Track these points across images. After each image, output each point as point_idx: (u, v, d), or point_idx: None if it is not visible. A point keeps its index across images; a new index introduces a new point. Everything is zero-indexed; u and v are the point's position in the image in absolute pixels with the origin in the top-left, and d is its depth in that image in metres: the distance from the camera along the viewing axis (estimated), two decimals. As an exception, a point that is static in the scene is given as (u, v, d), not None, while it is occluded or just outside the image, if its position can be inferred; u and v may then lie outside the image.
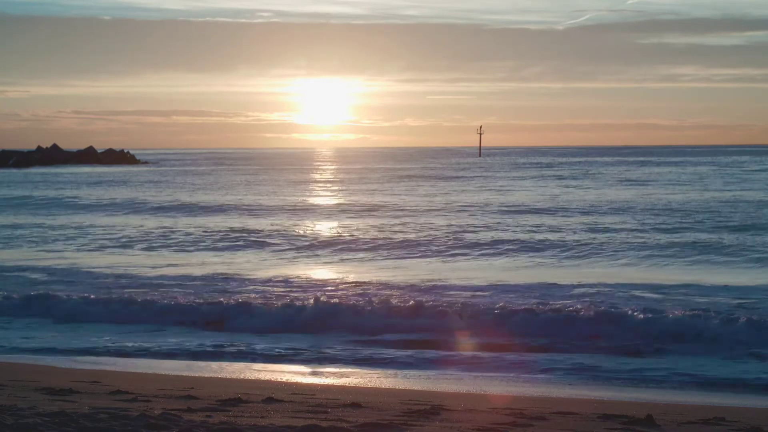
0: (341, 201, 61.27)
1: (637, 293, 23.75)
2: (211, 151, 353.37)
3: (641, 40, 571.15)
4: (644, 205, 53.44)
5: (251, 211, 53.12)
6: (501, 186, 78.98)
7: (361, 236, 38.65)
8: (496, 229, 41.02)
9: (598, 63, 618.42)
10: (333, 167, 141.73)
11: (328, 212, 52.61)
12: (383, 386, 14.85)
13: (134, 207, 57.33)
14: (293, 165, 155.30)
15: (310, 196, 69.22)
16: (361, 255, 33.50)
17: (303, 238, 38.52)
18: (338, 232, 40.48)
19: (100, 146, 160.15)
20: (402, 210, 52.71)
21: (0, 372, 14.52)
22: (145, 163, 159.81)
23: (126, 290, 24.67)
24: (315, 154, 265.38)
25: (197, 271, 29.09)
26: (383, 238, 37.63)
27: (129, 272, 29.09)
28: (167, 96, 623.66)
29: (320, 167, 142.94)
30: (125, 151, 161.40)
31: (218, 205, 57.31)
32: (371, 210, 53.26)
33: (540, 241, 36.31)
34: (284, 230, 41.71)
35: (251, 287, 25.72)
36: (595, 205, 54.30)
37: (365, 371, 16.48)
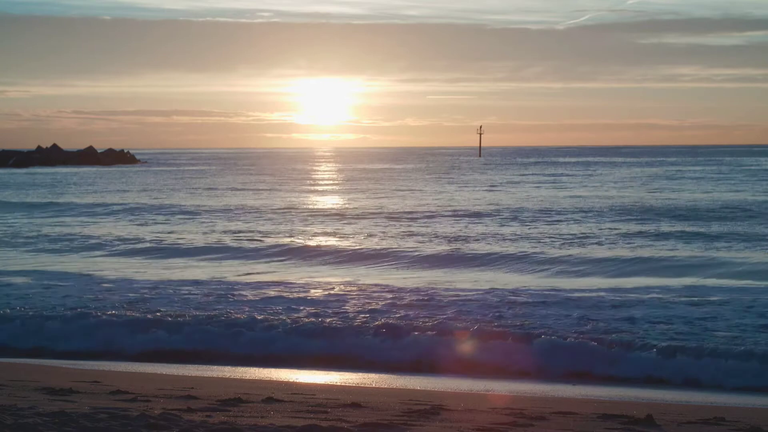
0: (326, 205, 60.69)
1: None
2: (212, 151, 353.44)
3: (641, 40, 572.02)
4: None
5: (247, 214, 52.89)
6: (502, 188, 79.05)
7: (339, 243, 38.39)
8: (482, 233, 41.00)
9: (598, 63, 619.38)
10: (332, 168, 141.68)
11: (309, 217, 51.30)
12: (383, 386, 14.85)
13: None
14: (294, 165, 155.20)
15: (308, 198, 69.10)
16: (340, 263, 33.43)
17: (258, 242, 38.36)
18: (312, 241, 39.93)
19: (100, 146, 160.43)
20: (386, 213, 52.52)
21: (0, 372, 14.52)
22: (145, 162, 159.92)
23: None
24: (315, 155, 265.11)
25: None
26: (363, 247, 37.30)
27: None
28: (167, 96, 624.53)
29: (321, 168, 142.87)
30: (125, 151, 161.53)
31: (222, 208, 57.07)
32: (360, 214, 53.02)
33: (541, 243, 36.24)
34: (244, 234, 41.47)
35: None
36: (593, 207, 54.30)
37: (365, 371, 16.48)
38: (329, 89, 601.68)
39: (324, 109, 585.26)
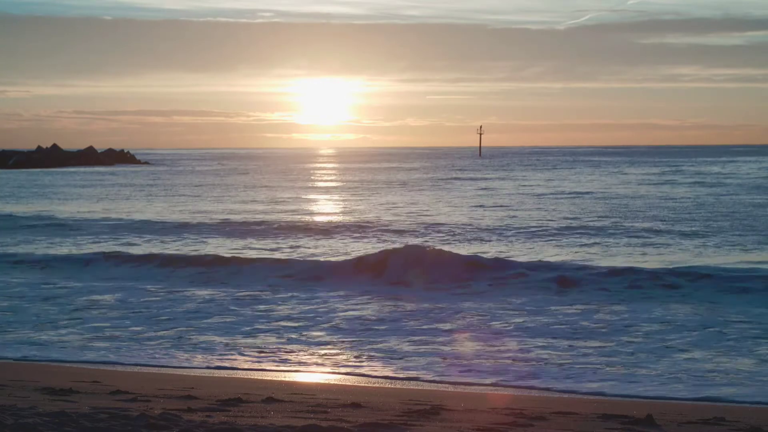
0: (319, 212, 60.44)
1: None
2: (213, 152, 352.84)
3: (642, 40, 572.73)
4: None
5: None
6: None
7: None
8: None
9: (599, 63, 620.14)
10: (334, 168, 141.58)
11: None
12: (383, 386, 14.84)
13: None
14: (295, 166, 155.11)
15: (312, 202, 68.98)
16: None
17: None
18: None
19: (100, 146, 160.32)
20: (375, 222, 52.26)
21: (0, 372, 14.53)
22: (146, 163, 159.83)
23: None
24: (316, 155, 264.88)
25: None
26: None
27: None
28: (167, 96, 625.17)
29: (322, 169, 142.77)
30: (125, 151, 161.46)
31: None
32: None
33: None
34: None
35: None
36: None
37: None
38: (329, 89, 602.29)
39: (324, 109, 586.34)
